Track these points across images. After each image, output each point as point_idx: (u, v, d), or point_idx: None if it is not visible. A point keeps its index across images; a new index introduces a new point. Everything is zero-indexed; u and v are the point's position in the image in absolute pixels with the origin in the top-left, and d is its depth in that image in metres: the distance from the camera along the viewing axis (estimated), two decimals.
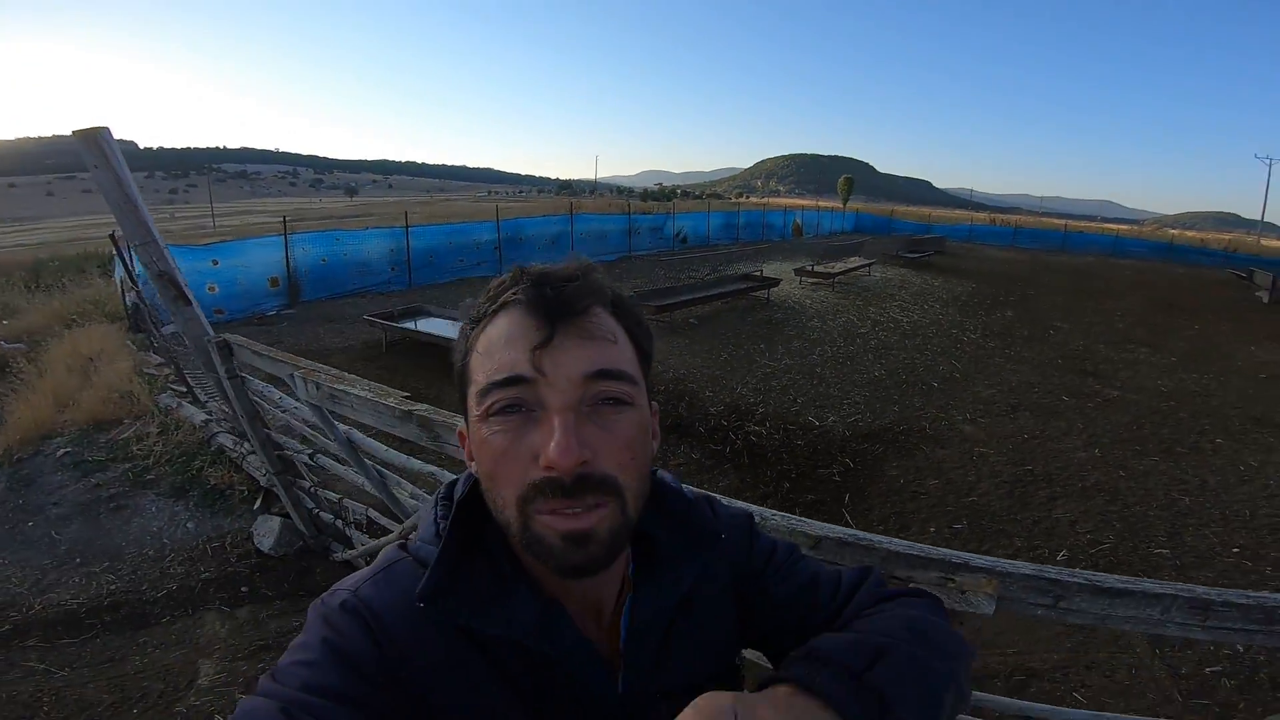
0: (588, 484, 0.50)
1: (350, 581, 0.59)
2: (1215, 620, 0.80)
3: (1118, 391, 7.25)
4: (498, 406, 0.52)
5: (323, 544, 3.37)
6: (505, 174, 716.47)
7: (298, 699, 0.48)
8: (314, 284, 11.00)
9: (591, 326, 0.53)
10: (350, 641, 0.53)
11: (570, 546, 0.50)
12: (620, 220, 18.46)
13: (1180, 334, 10.94)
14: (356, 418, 1.97)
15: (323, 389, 2.05)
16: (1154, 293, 16.33)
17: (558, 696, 0.56)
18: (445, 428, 1.63)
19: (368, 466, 2.34)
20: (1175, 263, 27.14)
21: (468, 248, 13.97)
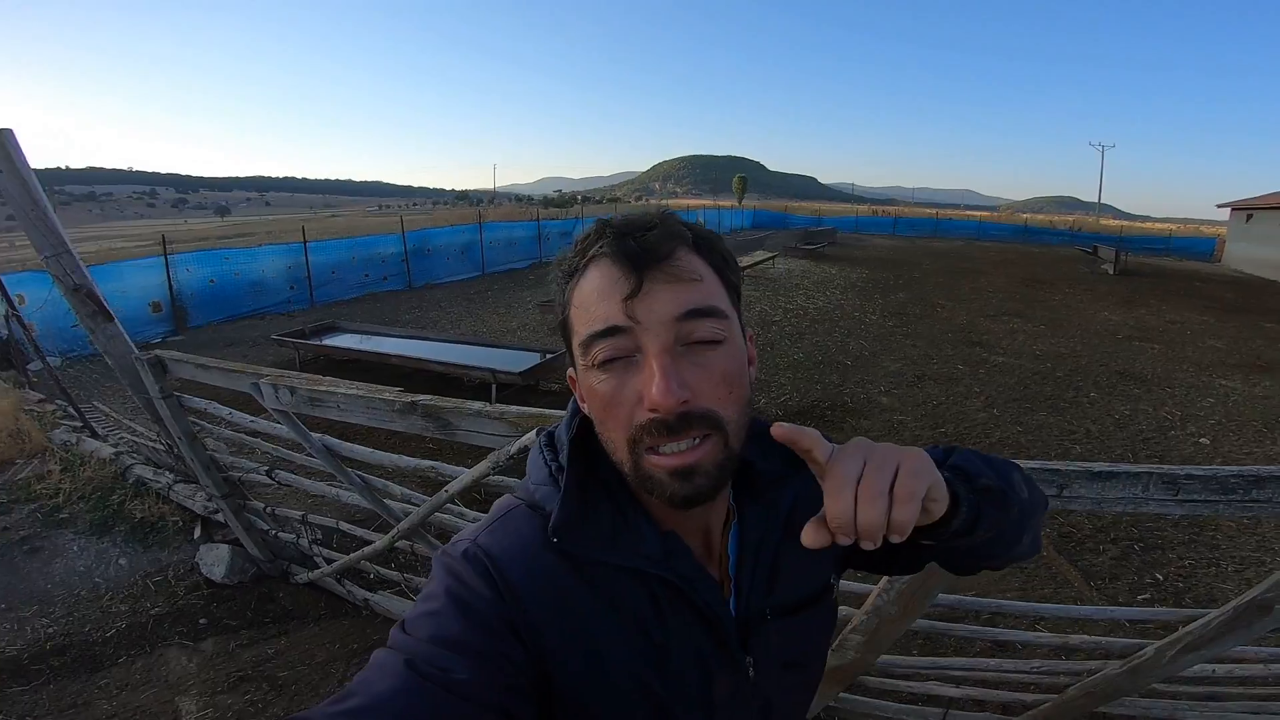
0: (690, 421, 0.52)
1: (469, 531, 0.62)
2: (1184, 494, 1.02)
3: (1003, 358, 8.10)
4: (600, 357, 0.54)
5: (280, 568, 3.21)
6: (396, 187, 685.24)
7: (423, 651, 0.51)
8: (203, 307, 10.25)
9: (677, 269, 0.54)
10: (472, 589, 0.56)
11: (678, 480, 0.53)
12: (529, 227, 18.31)
13: (1045, 304, 12.31)
14: (344, 418, 1.91)
15: (298, 394, 1.98)
16: (1017, 270, 18.20)
17: (678, 623, 0.60)
18: (456, 414, 1.63)
19: (350, 473, 2.28)
20: (1031, 243, 30.46)
21: (372, 261, 13.36)
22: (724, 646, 0.62)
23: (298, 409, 2.04)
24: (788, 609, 0.66)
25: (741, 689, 0.64)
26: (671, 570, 0.60)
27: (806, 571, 0.68)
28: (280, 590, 3.13)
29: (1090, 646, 1.41)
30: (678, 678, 0.60)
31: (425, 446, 4.82)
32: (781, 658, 0.67)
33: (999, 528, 0.56)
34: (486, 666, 0.52)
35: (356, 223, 28.12)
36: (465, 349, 7.38)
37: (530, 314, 10.58)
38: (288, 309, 11.40)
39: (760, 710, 0.67)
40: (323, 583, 3.02)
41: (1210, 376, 7.37)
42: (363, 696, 0.48)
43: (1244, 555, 3.44)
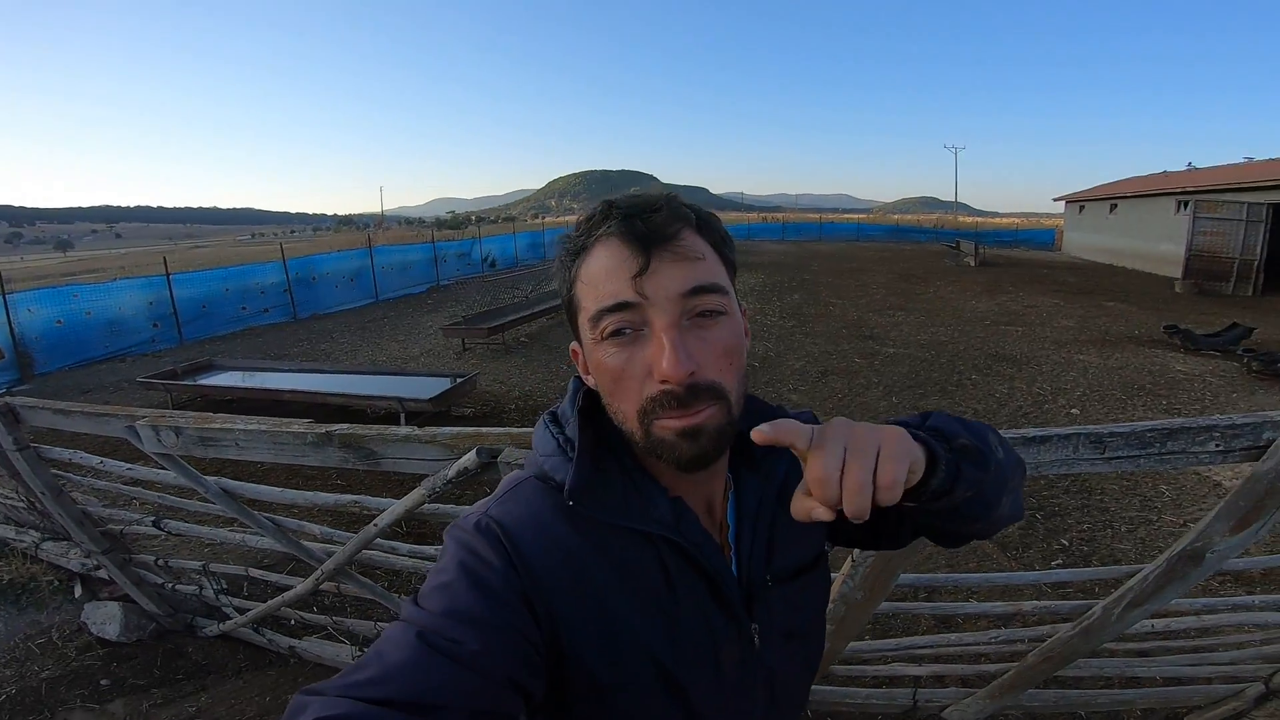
0: (697, 391, 0.55)
1: (480, 505, 0.63)
2: (1110, 451, 1.10)
3: (893, 349, 8.68)
4: (609, 330, 0.57)
5: (184, 621, 2.89)
6: (271, 213, 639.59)
7: (434, 623, 0.52)
8: (51, 351, 9.03)
9: (682, 249, 0.57)
10: (484, 559, 0.57)
11: (686, 440, 0.56)
12: (424, 249, 17.58)
13: (921, 297, 13.34)
14: (245, 457, 1.73)
15: (186, 434, 1.77)
16: (893, 267, 19.66)
17: (685, 589, 0.62)
18: (380, 441, 1.50)
19: (257, 516, 2.06)
20: (902, 241, 33.10)
21: (250, 293, 12.30)
22: (730, 612, 0.64)
23: (185, 451, 1.81)
24: (786, 575, 0.69)
25: (748, 659, 0.66)
26: (680, 534, 0.62)
27: (801, 539, 0.71)
28: (189, 645, 2.83)
29: (1042, 612, 1.50)
30: (686, 646, 0.62)
31: (334, 483, 4.51)
32: (784, 626, 0.69)
33: (978, 486, 0.57)
34: (498, 639, 0.53)
35: (226, 253, 26.09)
36: (366, 379, 6.95)
37: (434, 339, 10.14)
38: (153, 349, 10.28)
39: (766, 682, 0.68)
40: (237, 634, 2.75)
41: (1069, 353, 8.24)
42: (375, 668, 0.49)
43: (1131, 515, 3.83)
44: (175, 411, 1.94)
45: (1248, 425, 1.09)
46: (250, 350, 9.86)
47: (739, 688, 0.65)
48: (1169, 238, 17.24)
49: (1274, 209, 13.99)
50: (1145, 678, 1.99)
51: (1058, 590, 2.61)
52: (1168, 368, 7.45)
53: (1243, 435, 1.09)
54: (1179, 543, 1.19)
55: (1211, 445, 1.10)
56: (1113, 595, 1.30)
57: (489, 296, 14.75)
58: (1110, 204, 22.73)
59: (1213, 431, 1.09)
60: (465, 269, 19.30)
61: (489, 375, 7.64)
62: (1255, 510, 1.12)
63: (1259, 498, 1.10)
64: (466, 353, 9.01)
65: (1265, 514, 1.12)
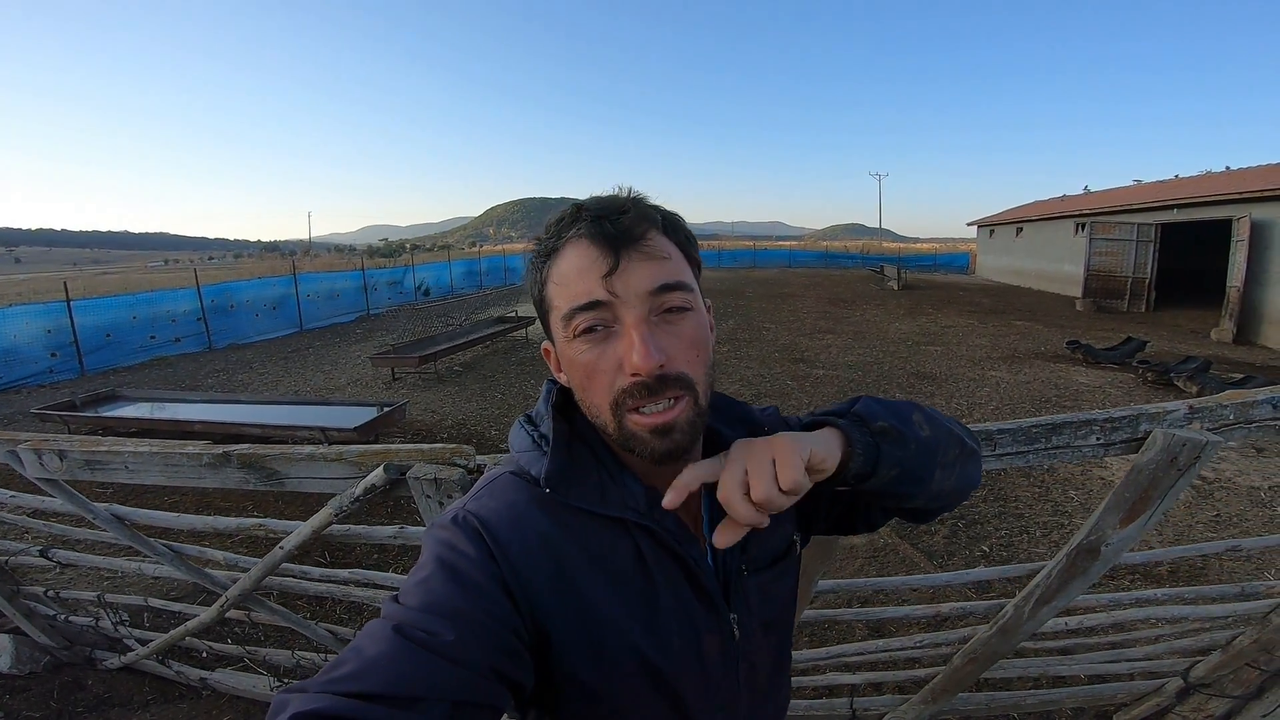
0: (666, 382, 0.58)
1: (458, 503, 0.65)
2: (1001, 448, 1.14)
3: (823, 370, 8.93)
4: (581, 327, 0.59)
5: (82, 654, 2.64)
6: (187, 238, 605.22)
7: (411, 618, 0.52)
8: None
9: (650, 248, 0.60)
10: (462, 552, 0.58)
11: (658, 437, 0.58)
12: (354, 277, 16.98)
13: (849, 320, 13.85)
14: (136, 480, 1.60)
15: (70, 458, 1.62)
16: (823, 291, 20.39)
17: (663, 577, 0.63)
18: (284, 460, 1.42)
19: (152, 543, 1.90)
20: (831, 267, 34.46)
21: (160, 321, 11.54)
22: (709, 601, 0.65)
23: (71, 476, 1.66)
24: (761, 564, 0.71)
25: (729, 650, 0.67)
26: (656, 521, 0.63)
27: (774, 528, 0.71)
28: (89, 677, 2.61)
29: (959, 613, 1.54)
30: (669, 638, 0.63)
31: (247, 510, 4.26)
32: (761, 616, 0.71)
33: (901, 464, 0.63)
34: (477, 629, 0.53)
35: (134, 279, 24.41)
36: (287, 409, 6.60)
37: (362, 369, 9.75)
38: (50, 380, 9.48)
39: (748, 675, 0.70)
40: (141, 666, 2.56)
41: (983, 370, 8.70)
42: (354, 663, 0.48)
43: (1045, 520, 4.03)
44: (60, 436, 1.77)
45: (1125, 418, 1.15)
46: (160, 381, 9.22)
47: (723, 681, 0.67)
48: (1069, 259, 18.63)
49: (1161, 229, 15.27)
50: (1069, 676, 2.07)
51: (980, 593, 2.71)
52: (1071, 381, 7.97)
53: (1121, 428, 1.15)
54: (1074, 538, 1.24)
55: (1093, 439, 1.16)
56: (1022, 593, 1.34)
57: (421, 325, 14.37)
58: (1017, 227, 24.43)
59: (1093, 425, 1.15)
60: (397, 297, 18.78)
61: (420, 405, 7.39)
62: (1142, 501, 1.18)
63: (1143, 488, 1.16)
64: (396, 382, 8.71)
65: (1151, 505, 1.18)
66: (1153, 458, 1.13)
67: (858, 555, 3.51)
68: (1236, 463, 4.87)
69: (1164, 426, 1.14)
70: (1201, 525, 3.91)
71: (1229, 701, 1.69)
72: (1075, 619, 1.69)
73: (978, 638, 1.45)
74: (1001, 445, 1.14)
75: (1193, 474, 1.12)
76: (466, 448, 1.33)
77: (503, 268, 26.77)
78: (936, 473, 0.67)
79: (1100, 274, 16.04)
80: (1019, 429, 1.14)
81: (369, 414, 5.93)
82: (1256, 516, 4.01)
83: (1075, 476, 4.70)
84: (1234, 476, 4.63)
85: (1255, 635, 1.58)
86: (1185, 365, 7.83)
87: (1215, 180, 16.66)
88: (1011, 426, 1.13)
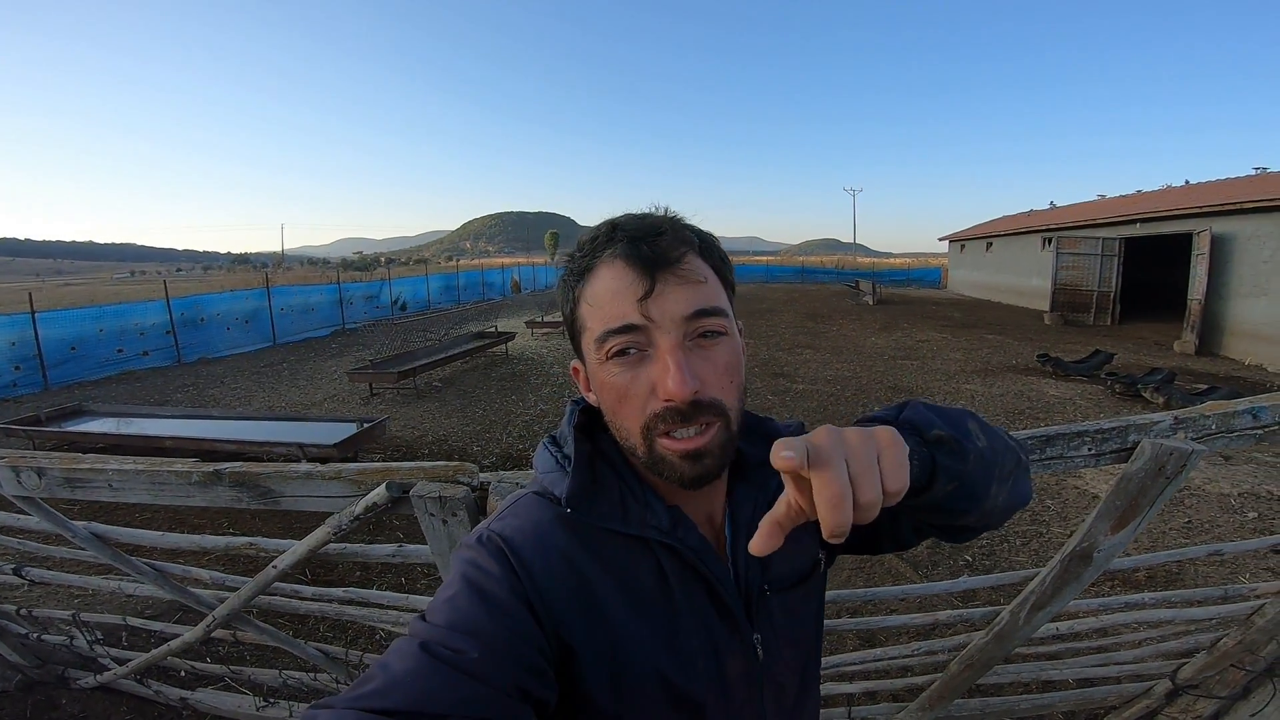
0: (700, 408, 0.57)
1: (483, 523, 0.65)
2: None
3: (803, 385, 9.03)
4: (615, 350, 0.59)
5: (55, 673, 2.56)
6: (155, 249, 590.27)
7: (437, 635, 0.52)
8: None
9: (686, 272, 0.59)
10: (487, 571, 0.58)
11: (689, 462, 0.58)
12: (329, 290, 16.73)
13: (826, 335, 14.06)
14: (119, 499, 1.56)
15: (50, 475, 1.57)
16: (800, 307, 20.67)
17: (684, 597, 0.63)
18: (279, 479, 1.39)
19: (135, 562, 1.84)
20: (808, 282, 34.96)
21: (128, 334, 11.24)
22: (731, 621, 0.65)
23: (50, 494, 1.61)
24: (784, 584, 0.70)
25: (753, 671, 0.66)
26: (679, 540, 0.63)
27: (797, 548, 0.72)
28: (62, 697, 2.54)
29: (956, 620, 1.56)
30: (691, 658, 0.62)
31: (217, 525, 4.20)
32: (786, 636, 0.70)
33: (959, 478, 0.57)
34: (502, 647, 0.53)
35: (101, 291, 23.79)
36: (262, 425, 6.45)
37: (338, 384, 9.60)
38: (13, 394, 9.21)
39: (773, 698, 0.69)
40: (117, 685, 2.48)
41: (958, 383, 8.88)
42: (381, 680, 0.49)
43: (1024, 530, 4.12)
44: (40, 453, 1.72)
45: (1114, 429, 1.19)
46: (127, 395, 8.99)
47: (746, 703, 0.66)
48: (1037, 273, 19.15)
49: (1125, 243, 15.75)
50: (1059, 681, 2.10)
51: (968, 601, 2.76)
52: (1043, 393, 8.17)
53: (1111, 439, 1.20)
54: (1068, 544, 1.27)
55: (1085, 449, 1.20)
56: (1017, 599, 1.37)
57: (399, 340, 14.21)
58: (987, 242, 25.07)
59: (1084, 437, 1.19)
60: (374, 312, 18.55)
61: (400, 421, 7.30)
62: (1131, 509, 1.22)
63: (1132, 496, 1.20)
64: (375, 398, 8.59)
65: (1140, 512, 1.22)
66: (1141, 467, 1.17)
67: (844, 567, 3.54)
68: (1205, 470, 5.03)
69: (1151, 437, 1.19)
70: (1174, 532, 4.03)
71: (1216, 702, 1.74)
72: (1065, 624, 1.73)
73: (974, 644, 1.48)
74: None
75: (1179, 482, 1.17)
76: (469, 465, 1.33)
77: (481, 282, 26.61)
78: (993, 487, 0.61)
79: (1067, 288, 16.50)
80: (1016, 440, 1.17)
81: (348, 430, 5.83)
82: (1227, 522, 4.14)
83: (1051, 486, 4.81)
84: (1204, 484, 4.78)
85: (1239, 636, 1.63)
86: (1151, 377, 8.09)
87: (1176, 194, 17.29)
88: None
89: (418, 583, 3.39)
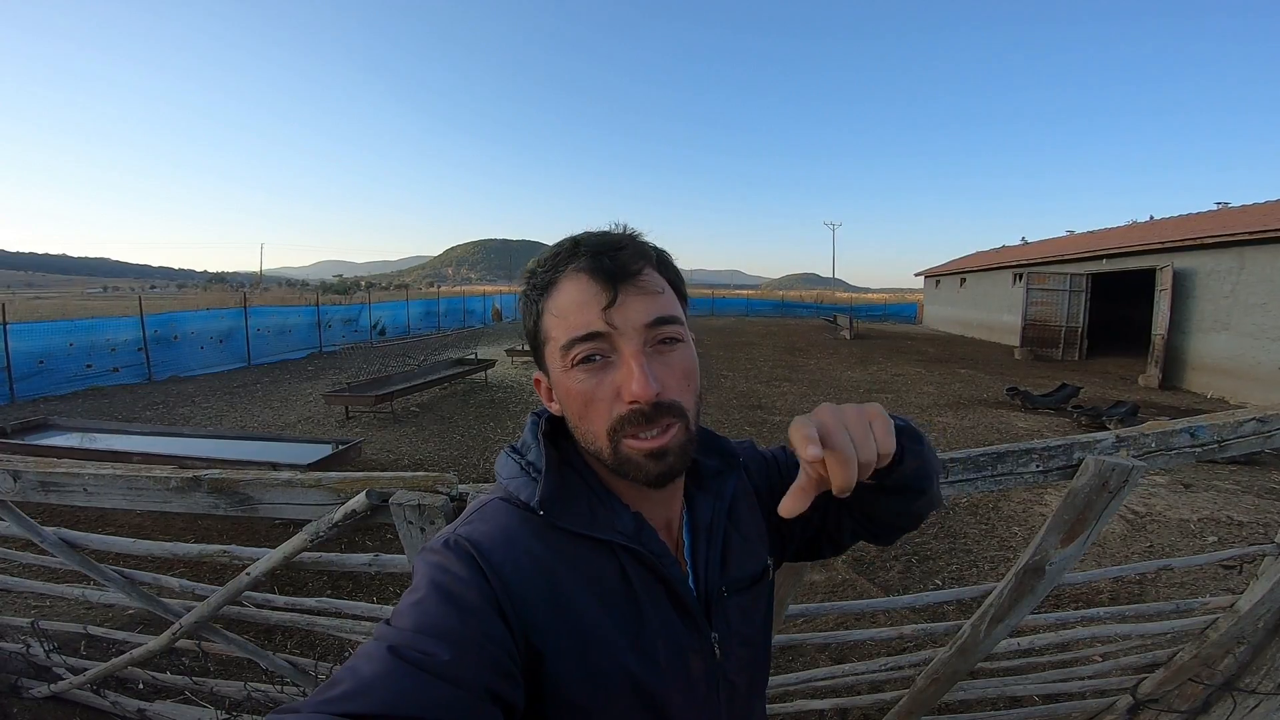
0: (661, 410, 0.61)
1: (448, 528, 0.66)
2: (953, 475, 1.24)
3: (779, 417, 9.09)
4: (580, 357, 0.62)
5: (7, 682, 2.48)
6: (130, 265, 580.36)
7: (406, 638, 0.52)
8: None
9: (645, 284, 0.63)
10: (455, 574, 0.59)
11: (653, 461, 0.62)
12: (307, 313, 16.58)
13: (804, 369, 14.21)
14: (94, 504, 1.56)
15: (25, 479, 1.57)
16: (779, 340, 20.91)
17: (648, 598, 0.66)
18: (258, 486, 1.40)
19: (103, 569, 1.81)
20: (787, 316, 35.49)
21: (98, 349, 11.06)
22: (692, 621, 0.68)
23: (23, 497, 1.60)
24: (740, 586, 0.74)
25: (712, 669, 0.70)
26: (642, 544, 0.66)
27: (748, 553, 0.77)
28: (13, 706, 2.47)
29: (921, 634, 1.61)
30: (657, 657, 0.65)
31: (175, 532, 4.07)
32: (740, 636, 0.74)
33: (920, 458, 0.68)
34: (471, 649, 0.53)
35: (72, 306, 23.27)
36: (234, 444, 6.32)
37: (314, 406, 9.48)
38: None
39: (728, 696, 0.72)
40: (71, 695, 2.41)
41: (931, 416, 9.04)
42: (349, 683, 0.48)
43: (991, 555, 4.20)
44: (16, 456, 1.71)
45: (1060, 447, 1.27)
46: (95, 411, 8.80)
47: (707, 700, 0.69)
48: (1009, 309, 19.65)
49: (1092, 278, 16.21)
50: (1024, 697, 2.14)
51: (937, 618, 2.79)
52: (1011, 425, 8.36)
53: (1057, 456, 1.27)
54: (1021, 558, 1.34)
55: (1033, 466, 1.28)
56: (977, 613, 1.42)
57: (377, 364, 14.10)
58: (960, 278, 25.70)
59: (1032, 454, 1.27)
60: (352, 335, 18.40)
61: (375, 444, 7.22)
62: (1079, 522, 1.29)
63: (1079, 510, 1.27)
64: (350, 421, 8.48)
65: (1088, 525, 1.29)
66: (1086, 482, 1.24)
67: (817, 591, 3.57)
68: (1166, 498, 5.18)
69: (1095, 454, 1.27)
70: (1136, 555, 4.14)
71: (1178, 716, 1.79)
72: (1026, 639, 1.78)
73: (939, 658, 1.52)
74: (954, 472, 1.25)
75: (1123, 496, 1.24)
76: (448, 475, 1.36)
77: (462, 309, 26.54)
78: (935, 478, 0.73)
79: (1037, 323, 16.93)
80: (969, 458, 1.25)
81: (323, 451, 5.76)
82: (1188, 546, 4.27)
83: (1018, 514, 4.92)
84: (1165, 510, 4.92)
85: (1194, 650, 1.70)
86: (1116, 410, 8.32)
87: (1140, 230, 17.94)
88: (962, 455, 1.25)
89: (391, 601, 3.35)
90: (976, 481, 1.26)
